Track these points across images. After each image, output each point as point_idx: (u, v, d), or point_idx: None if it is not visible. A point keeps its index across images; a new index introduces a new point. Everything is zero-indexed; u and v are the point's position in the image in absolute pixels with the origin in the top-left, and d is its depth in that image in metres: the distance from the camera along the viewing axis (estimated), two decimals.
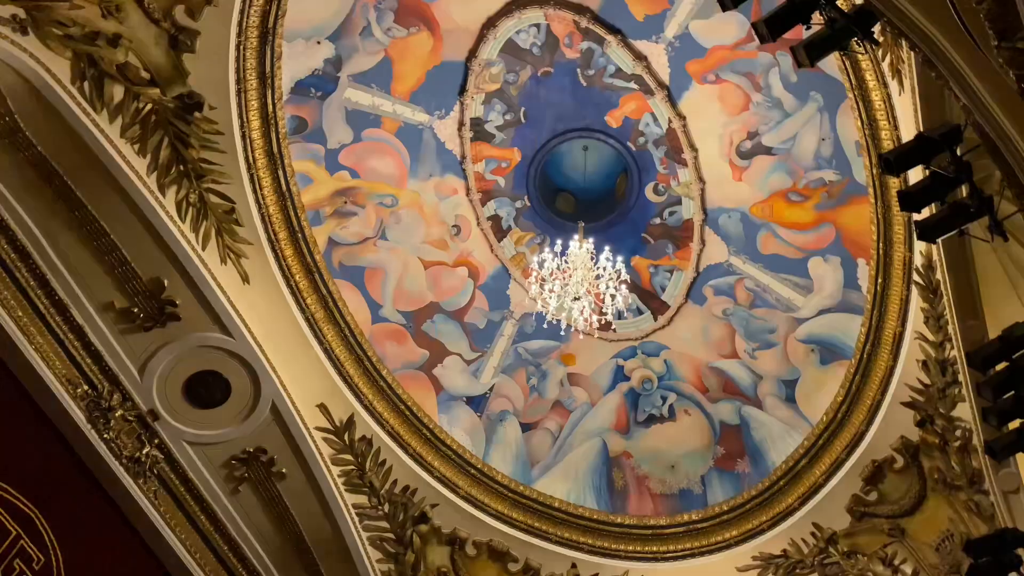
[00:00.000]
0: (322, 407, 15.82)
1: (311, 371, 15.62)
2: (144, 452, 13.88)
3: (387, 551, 16.43)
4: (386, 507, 16.50)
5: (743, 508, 17.82)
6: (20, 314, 12.21)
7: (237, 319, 14.20)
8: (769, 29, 8.20)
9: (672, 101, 18.08)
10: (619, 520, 18.22)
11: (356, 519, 16.09)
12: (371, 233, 18.40)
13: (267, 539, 15.57)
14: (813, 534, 16.76)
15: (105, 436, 13.26)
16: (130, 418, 13.82)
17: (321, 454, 15.56)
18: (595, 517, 18.17)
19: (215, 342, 14.21)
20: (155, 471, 14.10)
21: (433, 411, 18.21)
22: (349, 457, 16.12)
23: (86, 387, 13.16)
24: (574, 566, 17.50)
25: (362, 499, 16.25)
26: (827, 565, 16.56)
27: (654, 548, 17.87)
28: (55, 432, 12.89)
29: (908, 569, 15.75)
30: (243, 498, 15.24)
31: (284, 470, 15.20)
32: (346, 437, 16.10)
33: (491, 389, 19.57)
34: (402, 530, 16.56)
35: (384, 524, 16.47)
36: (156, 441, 14.21)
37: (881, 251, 15.04)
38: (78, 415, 12.89)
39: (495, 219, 19.76)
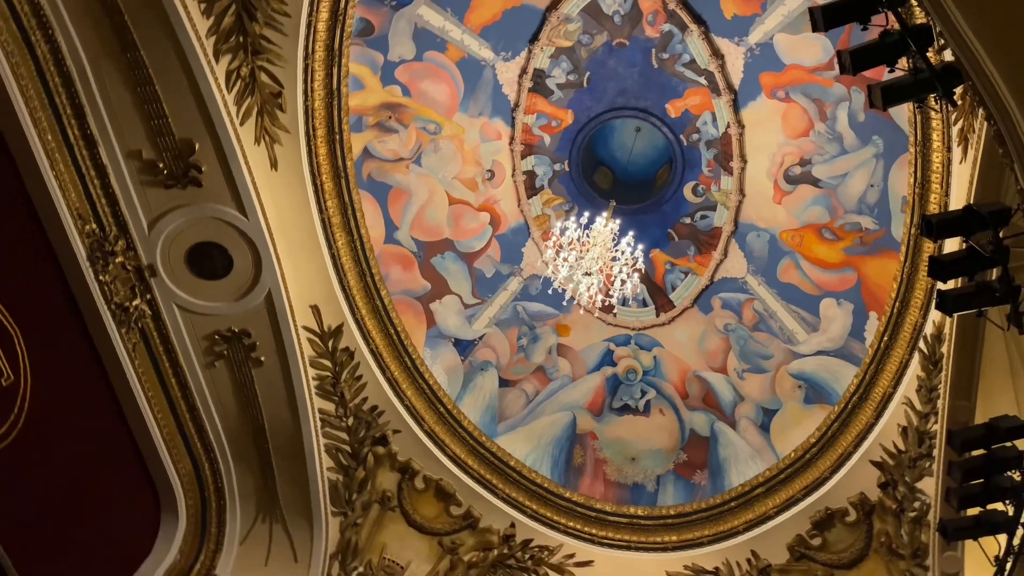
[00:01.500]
0: (314, 309, 15.92)
1: (313, 272, 15.68)
2: (133, 304, 14.02)
3: (340, 462, 16.68)
4: (351, 420, 16.71)
5: (689, 517, 18.02)
6: (50, 138, 12.23)
7: (255, 201, 14.21)
8: (853, 61, 8.02)
9: (736, 107, 17.83)
10: (568, 495, 18.45)
11: (319, 424, 16.31)
12: (407, 155, 18.33)
13: (229, 419, 15.81)
14: (749, 560, 16.97)
15: (100, 278, 13.38)
16: (128, 268, 13.95)
17: (302, 353, 15.70)
18: (545, 485, 18.39)
19: (229, 218, 14.24)
20: (139, 324, 14.27)
21: (420, 342, 18.34)
22: (328, 363, 16.28)
23: (94, 226, 13.24)
24: (512, 526, 17.77)
25: (330, 406, 16.45)
26: None
27: (593, 530, 18.12)
28: (54, 262, 13.00)
29: None
30: (216, 374, 15.44)
31: (263, 358, 15.35)
32: (330, 344, 16.24)
33: (480, 338, 19.69)
34: (360, 446, 16.79)
35: (344, 436, 16.70)
36: (148, 297, 14.36)
37: (896, 310, 14.95)
38: (80, 250, 12.99)
39: (530, 175, 19.66)
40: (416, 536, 17.38)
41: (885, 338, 15.35)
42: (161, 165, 13.66)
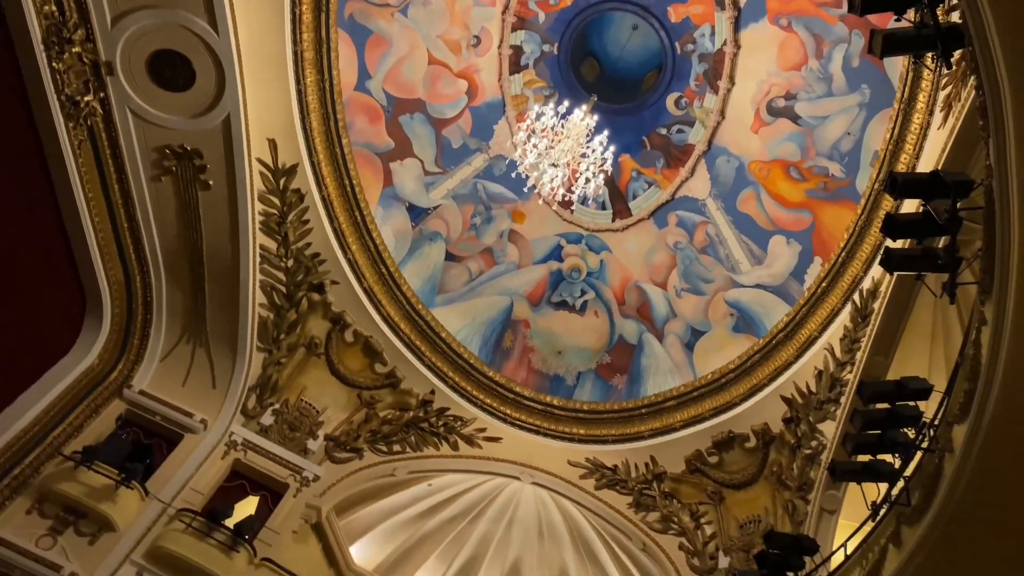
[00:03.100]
0: (271, 143, 15.53)
1: (276, 105, 15.17)
2: (85, 99, 13.44)
3: (274, 301, 16.69)
4: (290, 262, 16.63)
5: (600, 415, 18.72)
6: None
7: (229, 18, 13.51)
8: (863, 1, 7.86)
9: (737, 25, 17.40)
10: (490, 374, 18.92)
11: (258, 259, 16.20)
12: (394, 1, 17.51)
13: (168, 237, 15.57)
14: (647, 464, 17.82)
15: (54, 65, 12.73)
16: (85, 60, 13.27)
17: (252, 185, 15.39)
18: (471, 361, 18.80)
19: (198, 29, 13.54)
20: (88, 122, 13.73)
21: (373, 199, 18.11)
22: (276, 201, 16.02)
23: (54, 8, 12.47)
24: (433, 393, 18.23)
25: (272, 244, 16.31)
26: (644, 495, 17.70)
27: (508, 411, 18.71)
28: (6, 39, 12.27)
29: (708, 530, 16.99)
30: (161, 189, 15.08)
31: (211, 182, 15.02)
32: (282, 182, 15.93)
33: (435, 208, 19.52)
34: (296, 288, 16.79)
35: (281, 276, 16.66)
36: (101, 95, 13.76)
37: (841, 259, 15.26)
38: (35, 31, 12.29)
39: (517, 50, 19.06)
40: (337, 385, 17.71)
41: (824, 284, 15.72)
42: None
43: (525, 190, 17.77)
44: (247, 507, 15.84)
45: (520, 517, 19.16)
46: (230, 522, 14.91)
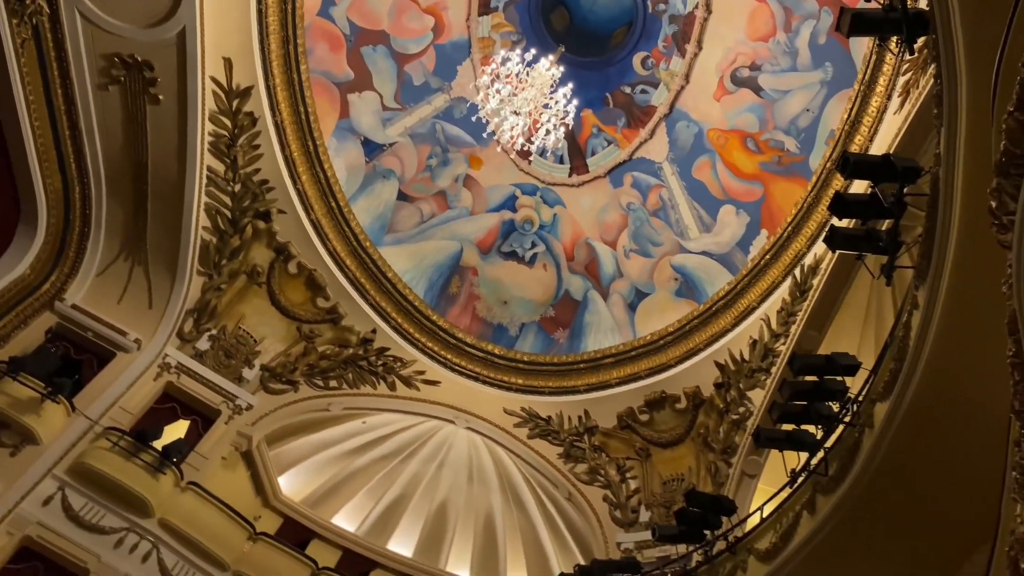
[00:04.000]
0: (227, 62, 15.01)
1: (235, 22, 14.64)
2: None
3: (217, 225, 16.31)
4: (238, 187, 16.23)
5: (539, 366, 18.94)
6: None
7: None
8: None
9: None
10: (434, 317, 18.92)
11: (204, 180, 15.76)
12: None
13: (111, 149, 15.00)
14: (580, 417, 18.17)
15: None
16: None
17: (203, 104, 14.90)
18: (416, 303, 18.75)
19: None
20: (33, 21, 13.03)
21: (328, 129, 17.72)
22: (228, 122, 15.55)
23: None
24: (374, 331, 18.17)
25: (220, 167, 15.88)
26: (574, 446, 18.09)
27: (448, 355, 18.80)
28: None
29: (633, 485, 17.47)
30: (108, 99, 14.47)
31: (161, 97, 14.47)
32: (235, 103, 15.46)
33: (391, 145, 19.21)
34: (241, 214, 16.43)
35: (227, 200, 16.26)
36: None
37: (787, 233, 15.56)
38: None
39: None
40: (277, 316, 17.51)
41: (767, 256, 16.04)
42: None
43: (484, 136, 17.60)
44: (177, 430, 15.69)
45: (451, 460, 19.43)
46: (158, 444, 14.76)
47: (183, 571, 14.14)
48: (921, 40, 8.49)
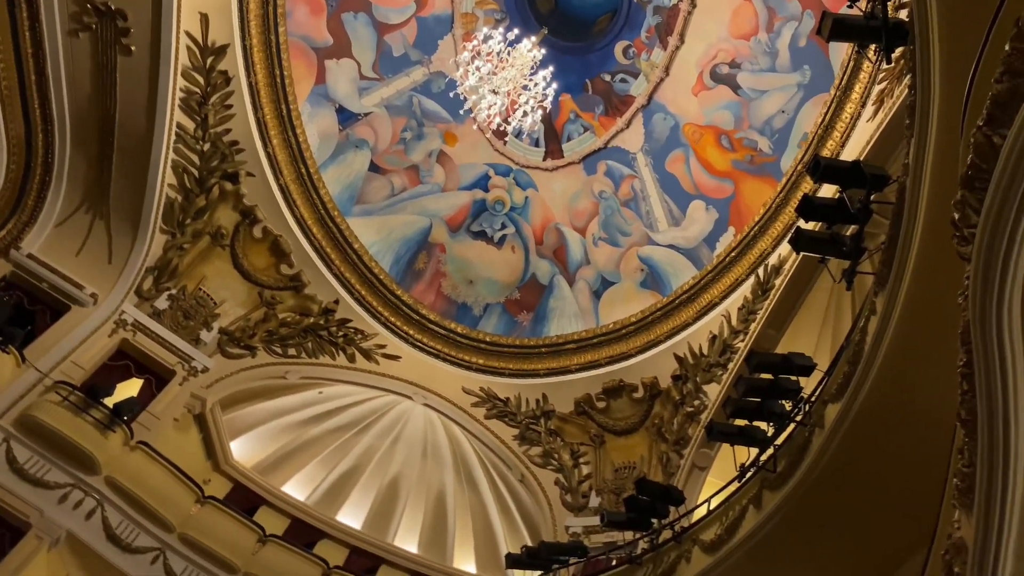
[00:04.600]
0: (204, 18, 14.72)
1: None
2: None
3: (184, 183, 16.02)
4: (207, 146, 15.95)
5: (500, 348, 18.98)
6: None
7: None
8: None
9: None
10: (398, 292, 18.83)
11: (173, 137, 15.45)
12: None
13: (78, 99, 14.62)
14: (538, 401, 18.27)
15: None
16: None
17: (177, 59, 14.59)
18: (381, 277, 18.63)
19: None
20: None
21: (302, 94, 17.46)
22: (200, 79, 15.25)
23: None
24: (336, 302, 18.03)
25: (190, 124, 15.58)
26: (530, 429, 18.20)
27: (410, 331, 18.74)
28: None
29: (585, 470, 17.65)
30: (78, 46, 14.09)
31: (133, 48, 14.13)
32: (209, 61, 15.16)
33: (366, 114, 19.00)
34: (208, 174, 16.15)
35: (195, 159, 15.97)
36: None
37: (753, 232, 15.74)
38: None
39: None
40: (238, 280, 17.29)
41: (733, 254, 16.23)
42: None
43: (461, 112, 17.47)
44: (129, 388, 15.46)
45: (406, 435, 19.43)
46: (109, 401, 14.53)
47: (127, 530, 13.97)
48: (899, 51, 8.59)
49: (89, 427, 14.03)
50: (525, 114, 16.56)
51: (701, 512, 12.05)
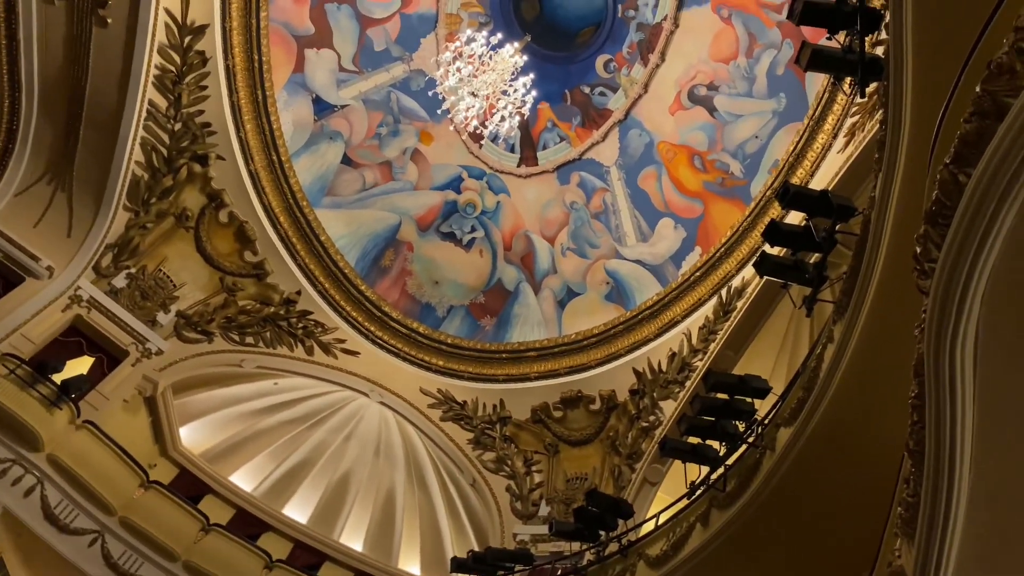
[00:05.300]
0: None
1: None
2: None
3: (151, 161, 15.75)
4: (178, 126, 15.71)
5: (461, 351, 18.92)
6: None
7: None
8: (803, 11, 8.06)
9: (681, 4, 17.48)
10: (362, 287, 18.67)
11: (144, 114, 15.19)
12: None
13: (49, 67, 14.28)
14: (495, 406, 18.25)
15: None
16: None
17: (154, 35, 14.35)
18: (345, 271, 18.47)
19: None
20: None
21: (280, 81, 17.30)
22: (177, 58, 15.03)
23: None
24: (298, 293, 17.84)
25: (162, 102, 15.33)
26: (485, 434, 18.16)
27: (372, 328, 18.59)
28: None
29: (537, 478, 17.65)
30: (52, 13, 13.78)
31: (110, 20, 13.85)
32: (187, 40, 14.95)
33: (343, 107, 18.86)
34: (178, 154, 15.90)
35: (165, 138, 15.71)
36: None
37: (719, 253, 15.91)
38: None
39: None
40: (200, 263, 17.03)
41: (697, 273, 16.39)
42: None
43: (439, 112, 17.43)
44: (79, 366, 15.13)
45: (360, 432, 19.28)
46: (58, 377, 14.19)
47: (66, 510, 13.65)
48: (873, 85, 8.76)
49: (34, 403, 13.68)
50: (503, 119, 16.58)
51: (649, 527, 12.12)
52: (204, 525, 15.26)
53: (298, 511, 18.30)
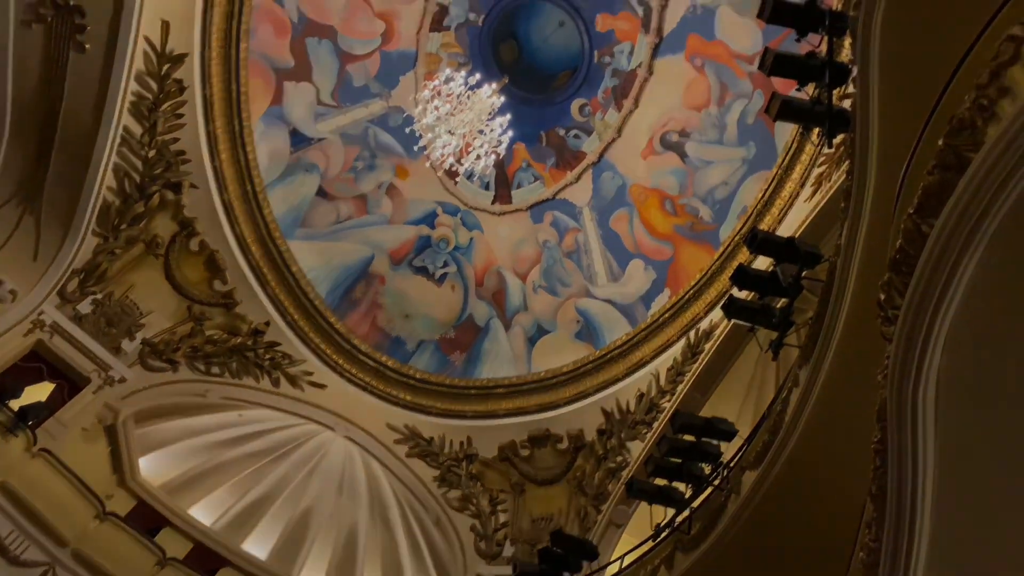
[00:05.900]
0: (165, 25, 14.59)
1: None
2: None
3: (123, 187, 15.63)
4: (152, 153, 15.64)
5: (430, 386, 18.80)
6: None
7: None
8: (774, 63, 8.33)
9: (655, 53, 17.94)
10: (332, 319, 18.55)
11: (118, 140, 15.11)
12: None
13: (24, 90, 14.15)
14: (462, 443, 18.10)
15: None
16: None
17: (132, 62, 14.36)
18: (316, 303, 18.36)
19: None
20: None
21: (257, 112, 17.34)
22: (154, 85, 15.03)
23: None
24: (267, 324, 17.66)
25: (137, 129, 15.28)
26: (451, 471, 17.98)
27: (340, 360, 18.43)
28: None
29: (502, 518, 17.49)
30: (30, 37, 13.71)
31: (88, 46, 13.84)
32: (165, 68, 14.97)
33: (320, 140, 18.93)
34: (151, 181, 15.81)
35: (138, 164, 15.62)
36: None
37: (688, 296, 16.12)
38: None
39: (442, 9, 18.81)
40: (168, 291, 16.83)
41: (666, 315, 16.57)
42: None
43: (416, 148, 17.58)
44: (39, 392, 14.78)
45: (324, 468, 18.98)
46: (15, 404, 13.87)
47: (17, 541, 13.23)
48: (840, 137, 9.04)
49: None
50: (478, 157, 16.77)
51: (614, 569, 12.08)
52: (160, 559, 14.87)
53: (258, 547, 17.88)
